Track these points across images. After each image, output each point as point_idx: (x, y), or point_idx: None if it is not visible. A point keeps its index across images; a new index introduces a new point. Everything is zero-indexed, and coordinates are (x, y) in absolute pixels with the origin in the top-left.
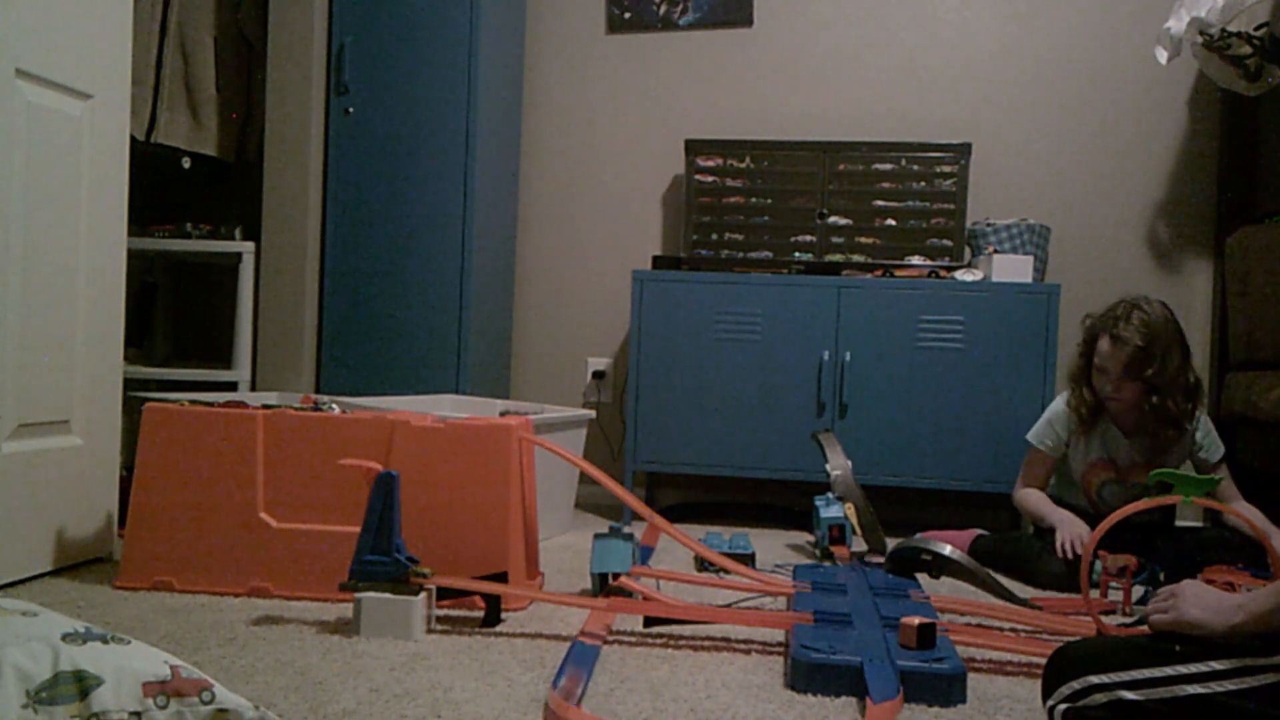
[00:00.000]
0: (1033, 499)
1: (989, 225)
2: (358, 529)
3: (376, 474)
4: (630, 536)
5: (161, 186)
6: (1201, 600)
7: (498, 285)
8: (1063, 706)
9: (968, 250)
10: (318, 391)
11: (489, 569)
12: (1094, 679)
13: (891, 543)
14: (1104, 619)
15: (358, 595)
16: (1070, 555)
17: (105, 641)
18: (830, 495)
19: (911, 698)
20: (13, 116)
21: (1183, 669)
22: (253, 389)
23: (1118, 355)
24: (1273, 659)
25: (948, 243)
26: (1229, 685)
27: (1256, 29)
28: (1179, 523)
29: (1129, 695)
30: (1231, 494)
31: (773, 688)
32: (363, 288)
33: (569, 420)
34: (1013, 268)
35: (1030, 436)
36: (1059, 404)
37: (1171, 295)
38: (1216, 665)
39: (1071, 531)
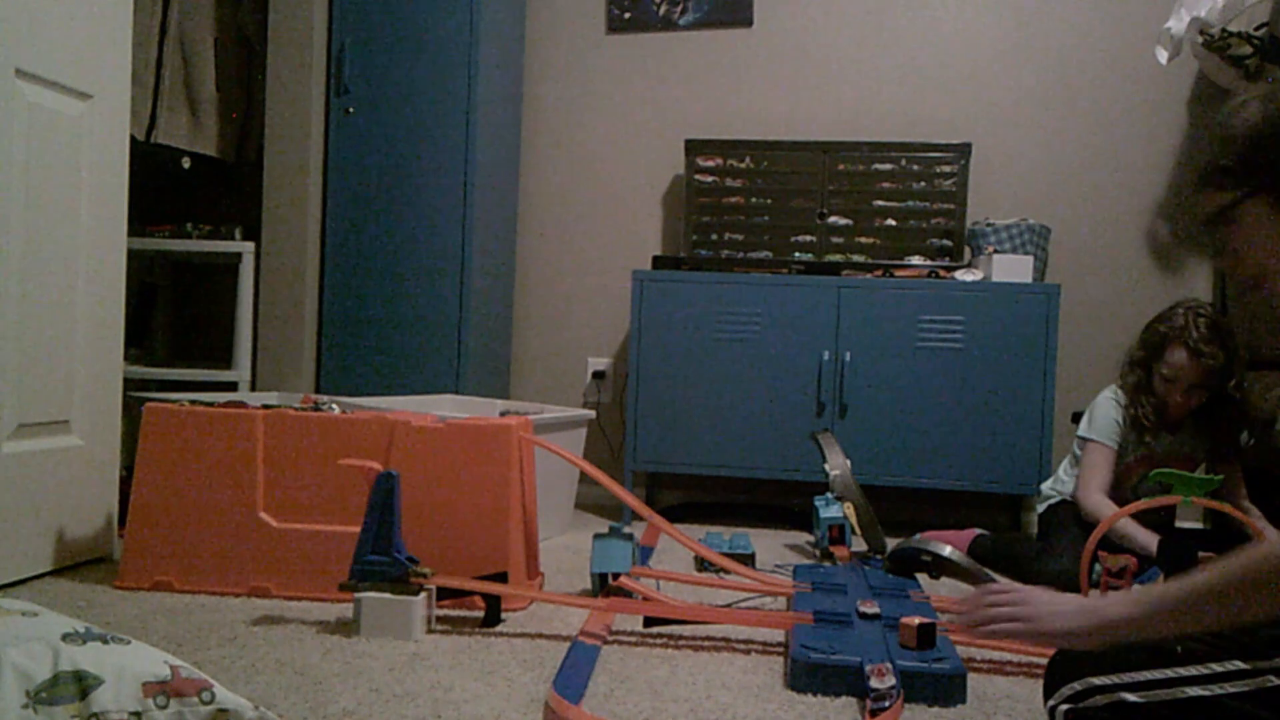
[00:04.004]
0: (1127, 525)
1: (989, 225)
2: (358, 529)
3: (376, 474)
4: (630, 536)
5: (161, 186)
6: (1056, 607)
7: (498, 285)
8: (1064, 707)
9: (968, 250)
10: (318, 391)
11: (489, 569)
12: (1094, 680)
13: (891, 543)
14: None
15: (358, 595)
16: None
17: (105, 641)
18: (830, 495)
19: (911, 698)
20: (13, 116)
21: (1184, 671)
22: (253, 389)
23: (1197, 368)
24: (1275, 661)
25: (948, 243)
26: (1230, 688)
27: (1256, 29)
28: (1179, 523)
29: (1130, 697)
30: (1238, 491)
31: (773, 688)
32: (363, 288)
33: (569, 420)
34: (1013, 268)
35: (1098, 436)
36: (1109, 399)
37: (1172, 295)
38: (1218, 667)
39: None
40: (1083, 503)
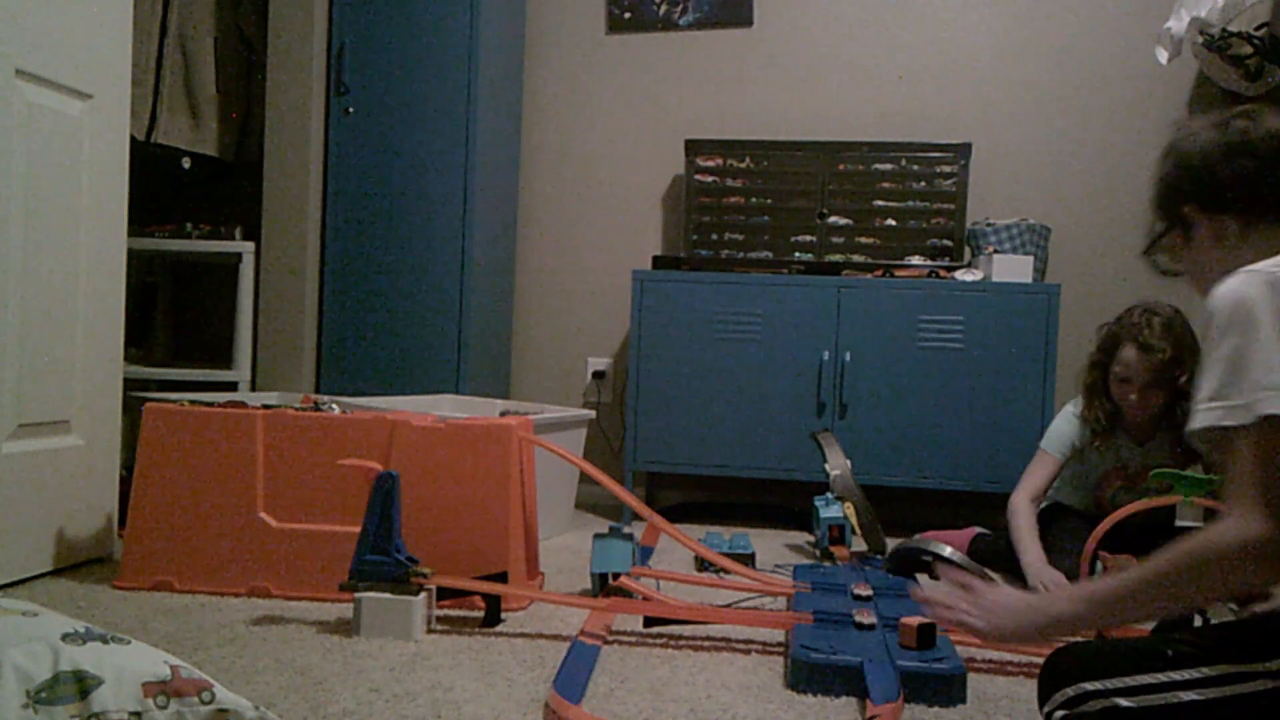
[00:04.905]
0: (1020, 522)
1: (989, 225)
2: (358, 529)
3: (376, 474)
4: (630, 536)
5: (161, 186)
6: (1008, 605)
7: (498, 285)
8: (1060, 714)
9: (968, 250)
10: (318, 391)
11: (489, 569)
12: (1088, 686)
13: (891, 543)
14: None
15: (358, 595)
16: None
17: (105, 641)
18: (830, 495)
19: (911, 698)
20: (13, 116)
21: (1177, 675)
22: (253, 389)
23: (1147, 364)
24: (1267, 665)
25: (948, 243)
26: (1224, 691)
27: (1256, 29)
28: (1179, 523)
29: (1124, 702)
30: None
31: (773, 688)
32: (363, 288)
33: (569, 420)
34: (1013, 268)
35: (1044, 444)
36: (1066, 412)
37: (1171, 296)
38: (1210, 671)
39: (1041, 579)
40: (1010, 500)
